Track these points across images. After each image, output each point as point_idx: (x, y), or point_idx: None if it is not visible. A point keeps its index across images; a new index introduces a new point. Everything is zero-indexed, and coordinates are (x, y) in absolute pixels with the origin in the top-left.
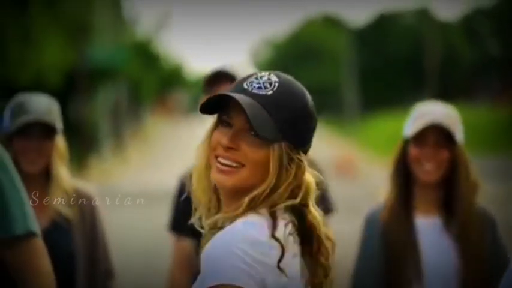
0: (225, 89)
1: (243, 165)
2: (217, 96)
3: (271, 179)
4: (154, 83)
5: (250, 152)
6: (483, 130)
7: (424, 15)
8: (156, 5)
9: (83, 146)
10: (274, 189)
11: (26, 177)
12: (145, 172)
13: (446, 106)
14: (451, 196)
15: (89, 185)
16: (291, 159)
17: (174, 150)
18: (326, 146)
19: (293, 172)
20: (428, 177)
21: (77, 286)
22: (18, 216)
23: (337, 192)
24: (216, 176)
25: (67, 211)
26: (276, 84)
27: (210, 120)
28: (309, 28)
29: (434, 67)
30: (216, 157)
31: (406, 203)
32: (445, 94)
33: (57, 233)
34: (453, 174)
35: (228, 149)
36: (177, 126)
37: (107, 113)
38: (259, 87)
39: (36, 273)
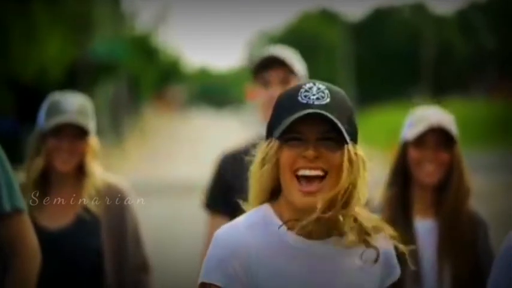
0: (277, 75)
1: (325, 174)
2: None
3: (347, 176)
4: (153, 77)
5: (332, 156)
6: (478, 123)
7: (419, 9)
8: None
9: None
10: (353, 187)
11: (58, 174)
12: (144, 164)
13: (441, 110)
14: (446, 199)
15: (121, 179)
16: (356, 156)
17: (173, 143)
18: None
19: (361, 166)
20: (429, 178)
21: (105, 281)
22: (5, 195)
23: None
24: (304, 200)
25: (94, 207)
26: (326, 91)
27: (206, 115)
28: (306, 22)
29: (430, 61)
30: (296, 172)
31: (405, 205)
32: (440, 87)
33: (83, 229)
34: (449, 176)
35: (313, 159)
36: (175, 119)
37: (107, 107)
38: (318, 98)
39: (23, 245)
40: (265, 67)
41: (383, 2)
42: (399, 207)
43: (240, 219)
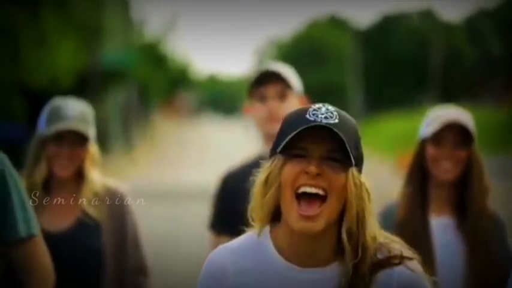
0: (274, 90)
1: (325, 195)
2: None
3: (355, 201)
4: (162, 84)
5: (334, 177)
6: (486, 130)
7: (428, 16)
8: (163, 6)
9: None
10: (362, 214)
11: (57, 179)
12: (153, 170)
13: (459, 109)
14: (464, 196)
15: (121, 183)
16: (360, 182)
17: (181, 149)
18: None
19: (365, 196)
20: (447, 175)
21: (104, 283)
22: (21, 220)
23: None
24: (301, 225)
25: (94, 211)
26: (335, 113)
27: (214, 121)
28: (314, 29)
29: (438, 67)
30: (297, 190)
31: (422, 202)
32: (448, 94)
33: (83, 232)
34: (468, 175)
35: (315, 176)
36: (184, 126)
37: (117, 113)
38: (326, 117)
39: (37, 269)
40: (261, 82)
41: (391, 8)
42: (416, 204)
43: (233, 241)
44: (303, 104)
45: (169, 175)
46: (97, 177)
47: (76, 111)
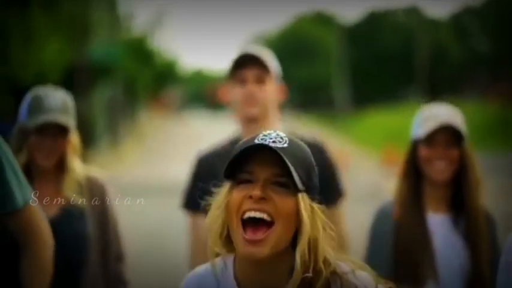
0: (252, 73)
1: (272, 222)
2: (242, 151)
3: (307, 228)
4: (149, 80)
5: (281, 202)
6: (472, 125)
7: (414, 12)
8: (150, 2)
9: (81, 140)
10: (314, 239)
11: (39, 169)
12: (140, 166)
13: (450, 107)
14: (459, 194)
15: (100, 172)
16: (312, 209)
17: (168, 144)
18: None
19: (319, 224)
20: (440, 176)
21: (88, 269)
22: (17, 190)
23: None
24: (246, 250)
25: (78, 199)
26: (286, 138)
27: (202, 117)
28: (301, 25)
29: (424, 63)
30: (243, 215)
31: (417, 201)
32: (434, 90)
33: (69, 220)
34: (462, 173)
35: (259, 200)
36: (171, 121)
37: (104, 109)
38: (274, 141)
39: (35, 233)
40: (240, 65)
41: (378, 5)
42: (411, 202)
43: (202, 267)
44: (282, 93)
45: (156, 170)
46: (79, 166)
47: (57, 102)
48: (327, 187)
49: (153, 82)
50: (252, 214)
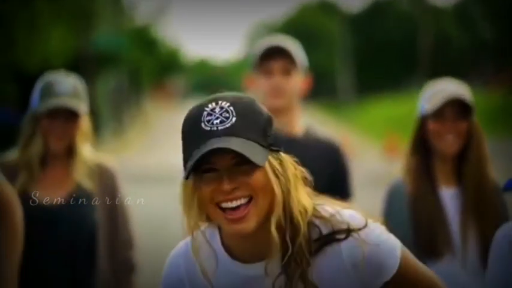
0: (279, 66)
1: (251, 198)
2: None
3: (279, 198)
4: (152, 68)
5: (252, 181)
6: (476, 113)
7: (417, 1)
8: None
9: None
10: (288, 194)
11: (51, 154)
12: (144, 153)
13: (456, 81)
14: (467, 166)
15: (110, 159)
16: (281, 165)
17: (172, 132)
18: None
19: (289, 173)
20: (450, 149)
21: (98, 254)
22: None
23: None
24: (232, 228)
25: (88, 185)
26: (230, 108)
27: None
28: (305, 13)
29: (428, 52)
30: (219, 204)
31: (429, 175)
32: (438, 78)
33: (78, 205)
34: (470, 146)
35: (231, 191)
36: (174, 109)
37: (108, 97)
38: (222, 121)
39: (3, 216)
40: (267, 56)
41: None
42: (423, 176)
43: (181, 246)
44: (307, 84)
45: (160, 158)
46: (89, 152)
47: (68, 87)
48: (336, 187)
49: (157, 71)
50: (229, 205)
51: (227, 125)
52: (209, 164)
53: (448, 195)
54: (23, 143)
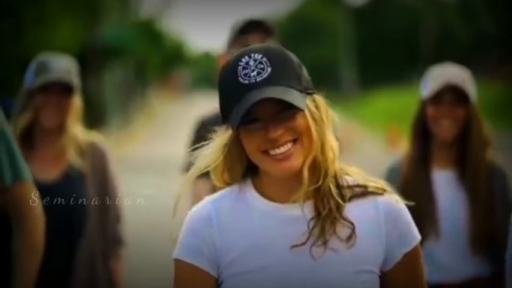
0: (256, 38)
1: (295, 141)
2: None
3: (315, 134)
4: (158, 61)
5: (297, 126)
6: (479, 105)
7: None
8: None
9: (93, 121)
10: (323, 137)
11: (43, 131)
12: (150, 145)
13: (458, 67)
14: (464, 151)
15: (102, 138)
16: (317, 109)
17: (177, 125)
18: None
19: (324, 116)
20: (446, 134)
21: (88, 231)
22: (6, 167)
23: None
24: (278, 167)
25: (79, 163)
26: (264, 59)
27: (209, 98)
28: (308, 6)
29: (431, 44)
30: (265, 152)
31: (424, 158)
32: None
33: (69, 183)
34: (467, 132)
35: (279, 137)
36: (180, 102)
37: (115, 90)
38: (258, 73)
39: (26, 214)
40: (244, 31)
41: None
42: (418, 160)
43: (214, 194)
44: None
45: (166, 149)
46: (80, 130)
47: (61, 64)
48: None
49: (163, 64)
50: (277, 151)
51: (264, 76)
52: (251, 115)
53: (443, 180)
54: (14, 120)
